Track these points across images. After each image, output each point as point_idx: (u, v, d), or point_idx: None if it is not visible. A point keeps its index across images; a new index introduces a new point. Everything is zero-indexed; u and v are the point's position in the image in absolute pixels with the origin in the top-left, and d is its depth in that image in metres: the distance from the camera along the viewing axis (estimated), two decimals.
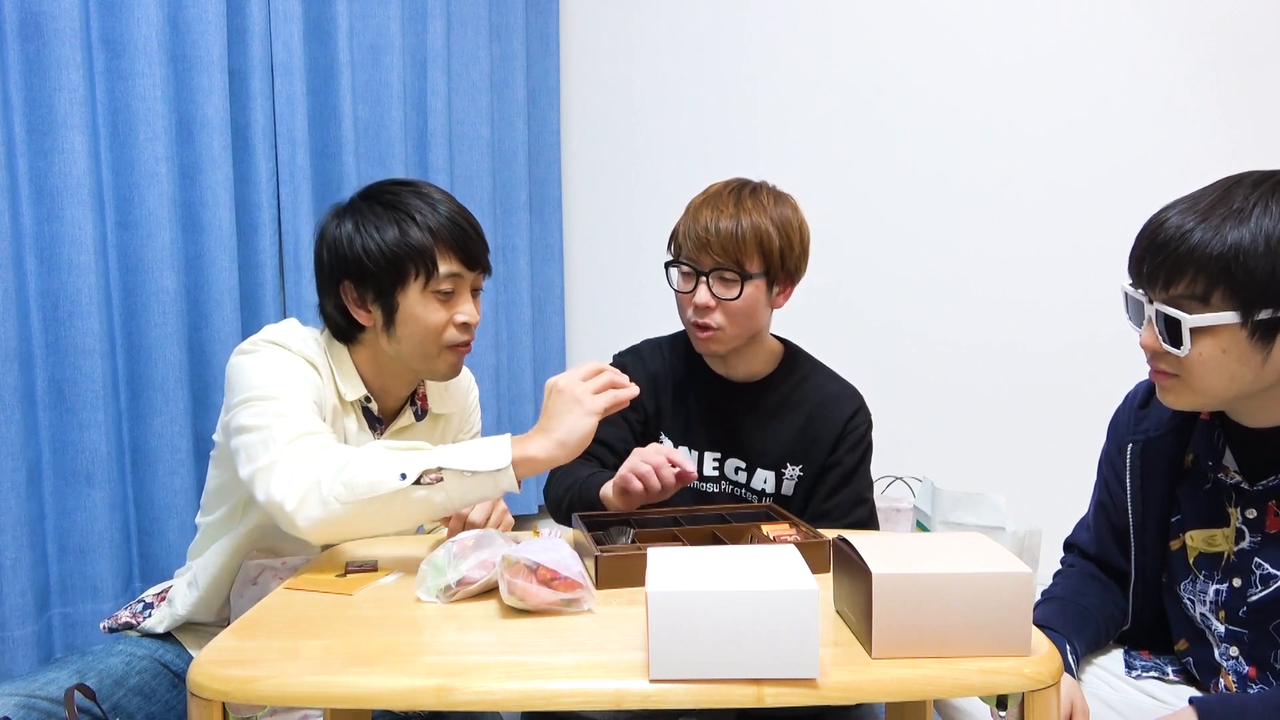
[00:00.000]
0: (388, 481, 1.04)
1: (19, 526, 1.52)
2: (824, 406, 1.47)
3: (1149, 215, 1.07)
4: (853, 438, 1.46)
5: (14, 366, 1.52)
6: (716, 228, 1.36)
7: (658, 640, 0.77)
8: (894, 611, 0.80)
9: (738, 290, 1.37)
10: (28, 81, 1.57)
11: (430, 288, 1.25)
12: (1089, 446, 2.30)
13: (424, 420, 1.42)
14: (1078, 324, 2.33)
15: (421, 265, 1.24)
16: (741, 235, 1.35)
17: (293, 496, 1.06)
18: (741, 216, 1.36)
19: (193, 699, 0.81)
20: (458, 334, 1.28)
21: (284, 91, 1.98)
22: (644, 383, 1.51)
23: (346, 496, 1.04)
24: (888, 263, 2.50)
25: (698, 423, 1.50)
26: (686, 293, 1.41)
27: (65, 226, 1.60)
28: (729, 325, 1.39)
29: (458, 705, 0.78)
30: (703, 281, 1.38)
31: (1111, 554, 1.27)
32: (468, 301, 1.29)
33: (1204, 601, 1.12)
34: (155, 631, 1.32)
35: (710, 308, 1.38)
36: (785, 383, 1.49)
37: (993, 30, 2.37)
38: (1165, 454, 1.18)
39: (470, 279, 1.29)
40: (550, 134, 2.75)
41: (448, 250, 1.25)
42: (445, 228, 1.25)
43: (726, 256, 1.36)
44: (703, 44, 2.66)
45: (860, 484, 1.47)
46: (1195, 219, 0.99)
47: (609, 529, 1.20)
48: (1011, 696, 0.81)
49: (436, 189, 1.32)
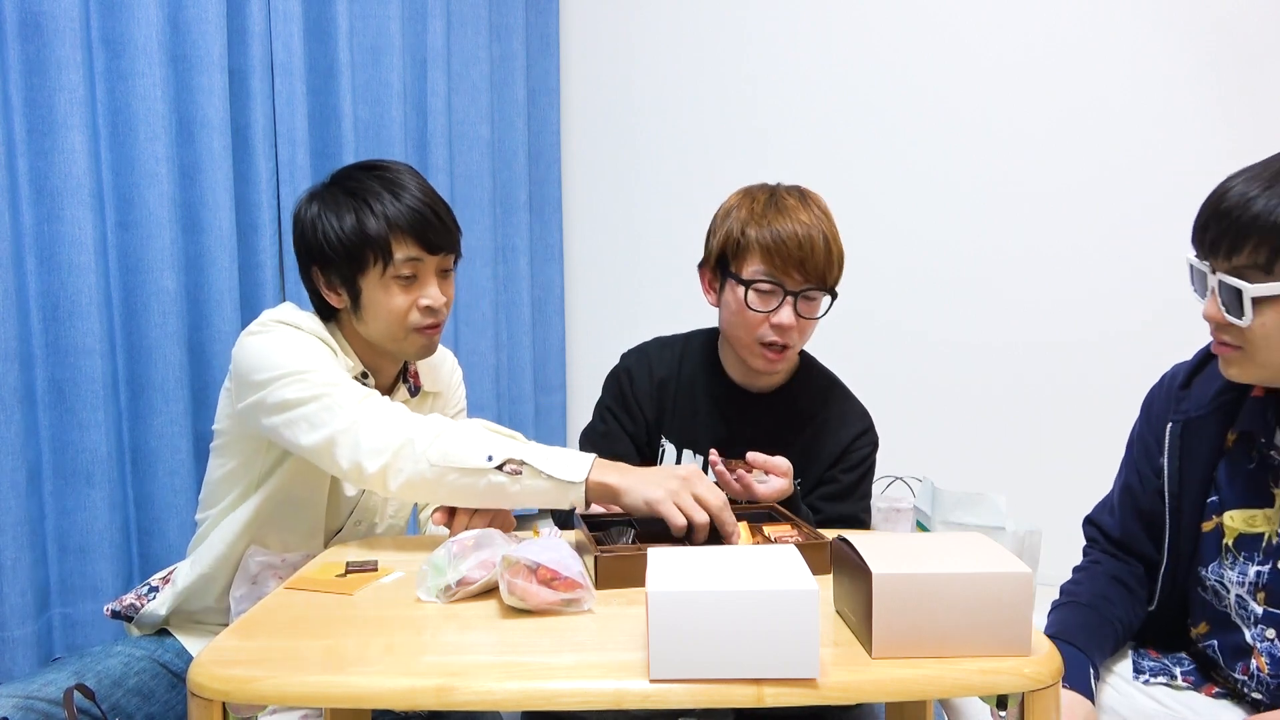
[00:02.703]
0: (474, 458, 1.09)
1: (19, 526, 1.52)
2: (830, 424, 1.45)
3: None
4: (853, 459, 1.44)
5: (14, 366, 1.52)
6: (809, 241, 1.28)
7: (658, 640, 0.77)
8: (894, 611, 0.80)
9: (821, 308, 1.32)
10: (28, 81, 1.57)
11: (389, 274, 1.26)
12: (1089, 446, 2.30)
13: (416, 397, 1.43)
14: (1078, 324, 2.34)
15: (377, 253, 1.25)
16: (828, 249, 1.29)
17: (385, 452, 1.10)
18: (821, 227, 1.30)
19: (193, 699, 0.81)
20: (421, 317, 1.29)
21: (284, 91, 1.98)
22: (648, 387, 1.49)
23: (439, 460, 1.09)
24: (888, 262, 2.50)
25: (703, 427, 1.48)
26: (765, 312, 1.32)
27: (65, 226, 1.60)
28: (799, 342, 1.35)
29: (458, 705, 0.78)
30: (788, 302, 1.31)
31: (1136, 539, 1.25)
32: (432, 285, 1.29)
33: (1241, 584, 1.10)
34: (158, 614, 1.31)
35: (792, 328, 1.32)
36: (799, 396, 1.47)
37: (992, 30, 2.37)
38: (1208, 433, 1.16)
39: (434, 262, 1.29)
40: (550, 134, 2.75)
41: (405, 237, 1.25)
42: (403, 215, 1.25)
43: (815, 274, 1.30)
44: (703, 44, 2.66)
45: (855, 505, 1.45)
46: (1259, 187, 0.98)
47: (609, 529, 1.20)
48: (1011, 696, 0.81)
49: (406, 172, 1.31)
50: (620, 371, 1.54)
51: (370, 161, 1.34)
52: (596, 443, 1.52)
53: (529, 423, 2.67)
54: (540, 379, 2.76)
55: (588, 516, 1.25)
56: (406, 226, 1.25)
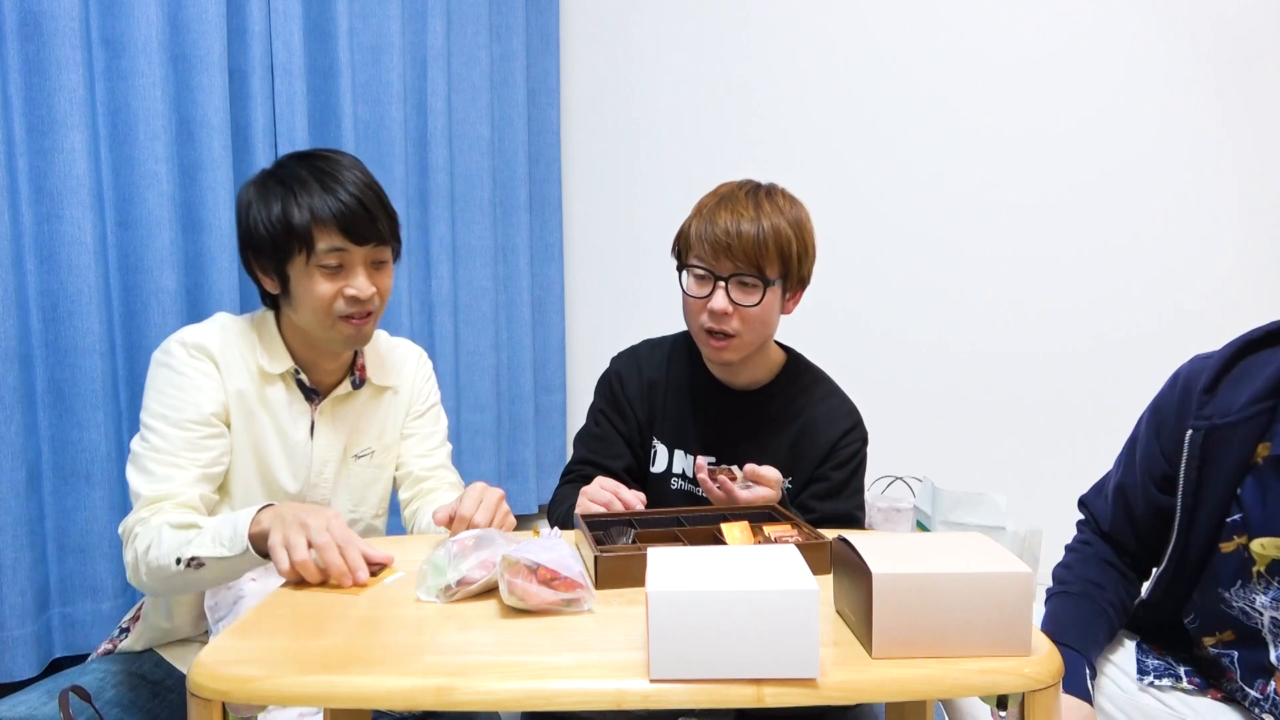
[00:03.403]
0: (170, 566, 1.16)
1: (19, 526, 1.52)
2: (817, 422, 1.45)
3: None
4: (842, 455, 1.44)
5: (14, 366, 1.52)
6: (738, 231, 1.31)
7: (658, 640, 0.77)
8: (894, 611, 0.80)
9: (758, 296, 1.33)
10: (28, 81, 1.57)
11: (314, 262, 1.27)
12: (1089, 446, 2.30)
13: (364, 389, 1.43)
14: (1078, 325, 2.34)
15: (300, 243, 1.26)
16: (763, 239, 1.31)
17: (129, 564, 1.22)
18: (761, 219, 1.32)
19: (192, 699, 0.81)
20: (347, 306, 1.29)
21: (284, 91, 1.98)
22: (638, 388, 1.50)
23: (149, 573, 1.19)
24: (888, 263, 2.51)
25: (692, 427, 1.48)
26: (701, 298, 1.36)
27: (65, 226, 1.60)
28: (745, 332, 1.36)
29: (458, 705, 0.78)
30: (720, 287, 1.34)
31: (1125, 537, 1.22)
32: (359, 275, 1.29)
33: (1276, 608, 1.04)
34: (135, 650, 1.33)
35: (727, 314, 1.34)
36: (784, 394, 1.47)
37: (992, 30, 2.37)
38: (1235, 444, 1.06)
39: (361, 253, 1.29)
40: (550, 134, 2.75)
41: (329, 227, 1.26)
42: (328, 205, 1.25)
43: (748, 261, 1.32)
44: (703, 44, 2.66)
45: (848, 501, 1.44)
46: None
47: (609, 529, 1.20)
48: (1011, 696, 0.81)
49: (344, 162, 1.32)
50: (611, 374, 1.55)
51: (311, 150, 1.35)
52: (591, 446, 1.52)
53: (529, 423, 2.67)
54: (540, 379, 2.76)
55: (588, 516, 1.25)
56: (330, 217, 1.25)
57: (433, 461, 1.49)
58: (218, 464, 1.29)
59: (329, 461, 1.39)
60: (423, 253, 2.39)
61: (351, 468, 1.42)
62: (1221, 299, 2.20)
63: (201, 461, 1.27)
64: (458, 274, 2.48)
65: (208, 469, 1.27)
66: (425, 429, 1.50)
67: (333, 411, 1.40)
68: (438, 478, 1.48)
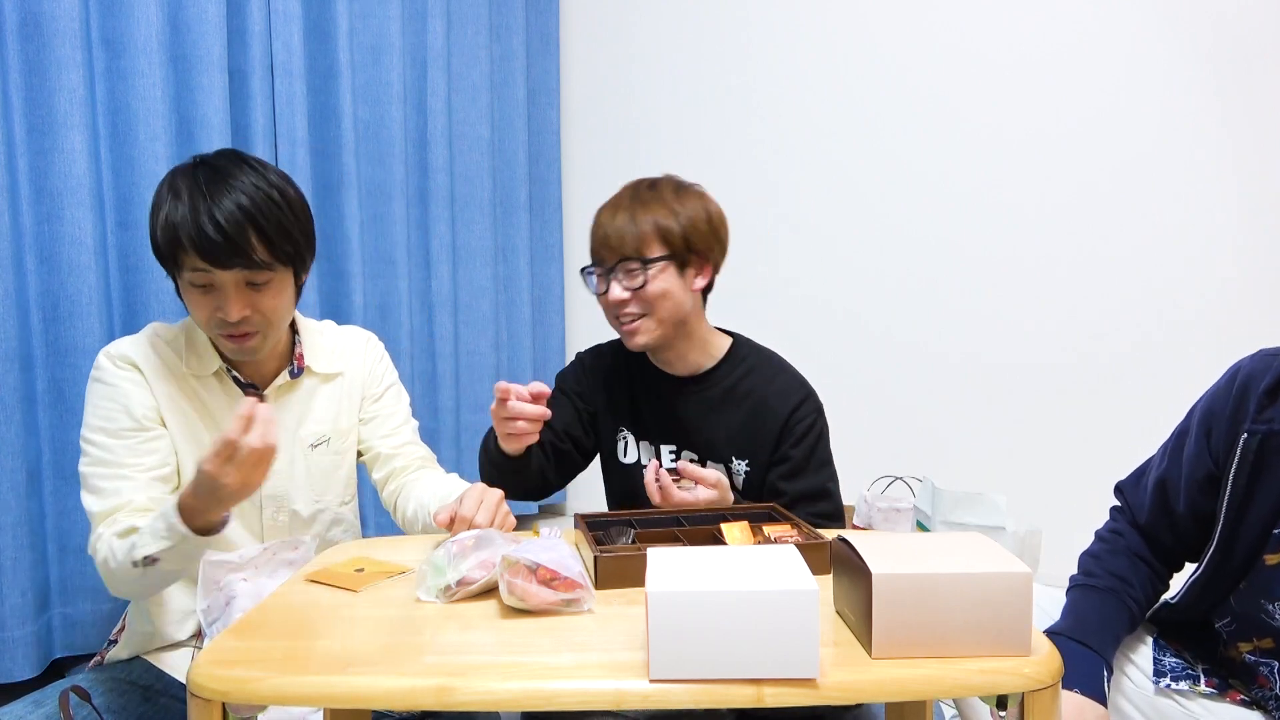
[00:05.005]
0: (131, 570, 1.17)
1: (19, 526, 1.52)
2: (767, 400, 1.47)
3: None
4: (798, 430, 1.45)
5: (14, 366, 1.52)
6: (614, 226, 1.41)
7: (658, 640, 0.77)
8: (894, 611, 0.80)
9: (642, 279, 1.40)
10: (28, 81, 1.57)
11: (187, 280, 1.24)
12: (1089, 446, 2.30)
13: (307, 377, 1.41)
14: (1078, 324, 2.34)
15: (170, 260, 1.24)
16: (637, 227, 1.40)
17: (104, 579, 1.24)
18: (636, 210, 1.41)
19: (192, 699, 0.81)
20: (219, 326, 1.25)
21: (284, 92, 1.98)
22: (596, 381, 1.58)
23: (120, 582, 1.21)
24: (888, 263, 2.51)
25: (650, 418, 1.53)
26: (602, 294, 1.45)
27: (65, 226, 1.60)
28: (650, 312, 1.42)
29: (458, 705, 0.78)
30: (613, 279, 1.42)
31: (1161, 532, 1.18)
32: (228, 298, 1.23)
33: None
34: (121, 658, 1.33)
35: (625, 300, 1.42)
36: (729, 375, 1.50)
37: (992, 30, 2.37)
38: None
39: (230, 276, 1.22)
40: (550, 134, 2.75)
41: (188, 250, 1.20)
42: (185, 226, 1.19)
43: (626, 248, 1.40)
44: (703, 44, 2.66)
45: (815, 476, 1.46)
46: None
47: (609, 529, 1.20)
48: (1011, 696, 0.81)
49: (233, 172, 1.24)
50: (580, 358, 1.65)
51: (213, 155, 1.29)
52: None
53: None
54: (541, 379, 2.75)
55: (588, 516, 1.25)
56: (186, 239, 1.19)
57: (398, 440, 1.48)
58: (165, 464, 1.29)
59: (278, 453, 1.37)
60: (423, 253, 2.39)
61: (310, 457, 1.40)
62: (1221, 298, 2.20)
63: (146, 465, 1.27)
64: (458, 274, 2.48)
65: (155, 471, 1.27)
66: (385, 410, 1.49)
67: (276, 403, 1.37)
68: (406, 454, 1.47)
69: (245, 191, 1.21)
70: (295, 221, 1.27)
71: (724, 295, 1.57)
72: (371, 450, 1.47)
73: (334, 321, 1.53)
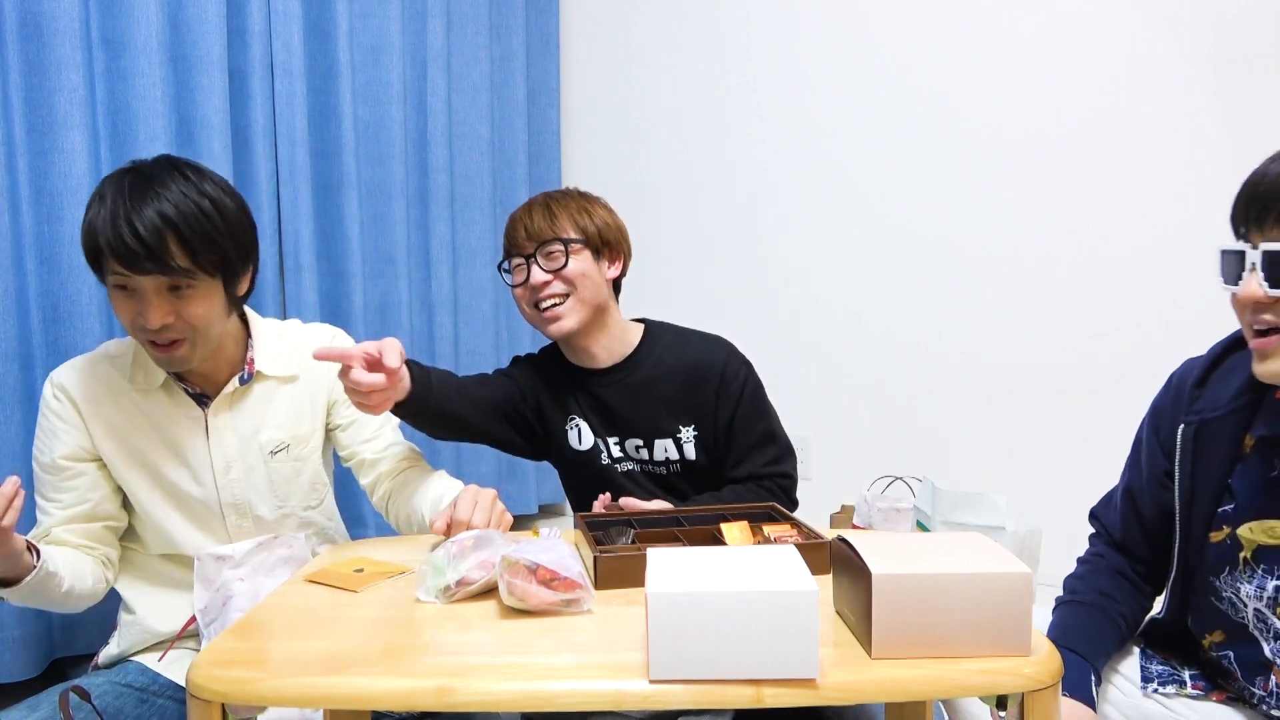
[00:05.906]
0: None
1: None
2: (695, 365, 1.52)
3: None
4: (733, 387, 1.50)
5: (14, 366, 1.53)
6: (532, 220, 1.49)
7: (657, 641, 0.77)
8: (894, 611, 0.80)
9: (564, 259, 1.46)
10: (28, 81, 1.57)
11: (110, 284, 1.23)
12: (1089, 446, 2.30)
13: (259, 383, 1.38)
14: (1078, 324, 2.33)
15: (95, 265, 1.23)
16: (554, 219, 1.49)
17: None
18: (551, 206, 1.51)
19: (192, 700, 0.81)
20: (143, 332, 1.23)
21: (284, 91, 1.98)
22: (538, 381, 1.59)
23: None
24: (888, 263, 2.50)
25: (589, 413, 1.55)
26: (522, 283, 1.49)
27: (65, 226, 1.60)
28: (572, 292, 1.47)
29: (458, 706, 0.78)
30: (533, 264, 1.47)
31: (1136, 544, 1.22)
32: (149, 304, 1.20)
33: (1259, 598, 1.06)
34: (114, 653, 1.33)
35: (547, 282, 1.46)
36: (650, 356, 1.54)
37: (992, 30, 2.37)
38: (1224, 436, 1.09)
39: (148, 282, 1.20)
40: (550, 134, 2.75)
41: (107, 254, 1.19)
42: (105, 231, 1.18)
43: (545, 233, 1.47)
44: (703, 44, 2.66)
45: (761, 425, 1.52)
46: None
47: (609, 529, 1.20)
48: (1011, 697, 0.81)
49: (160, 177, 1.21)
50: (515, 361, 1.67)
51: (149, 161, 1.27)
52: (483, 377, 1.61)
53: None
54: None
55: (588, 516, 1.25)
56: (105, 244, 1.18)
57: (381, 443, 1.46)
58: (84, 501, 1.31)
59: (234, 461, 1.35)
60: (423, 253, 2.39)
61: (270, 464, 1.38)
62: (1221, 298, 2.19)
63: (63, 503, 1.31)
64: (458, 274, 2.48)
65: (72, 509, 1.31)
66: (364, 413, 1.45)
67: (228, 410, 1.35)
68: (391, 456, 1.46)
69: (170, 199, 1.19)
70: (225, 230, 1.23)
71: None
72: (356, 457, 1.46)
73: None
